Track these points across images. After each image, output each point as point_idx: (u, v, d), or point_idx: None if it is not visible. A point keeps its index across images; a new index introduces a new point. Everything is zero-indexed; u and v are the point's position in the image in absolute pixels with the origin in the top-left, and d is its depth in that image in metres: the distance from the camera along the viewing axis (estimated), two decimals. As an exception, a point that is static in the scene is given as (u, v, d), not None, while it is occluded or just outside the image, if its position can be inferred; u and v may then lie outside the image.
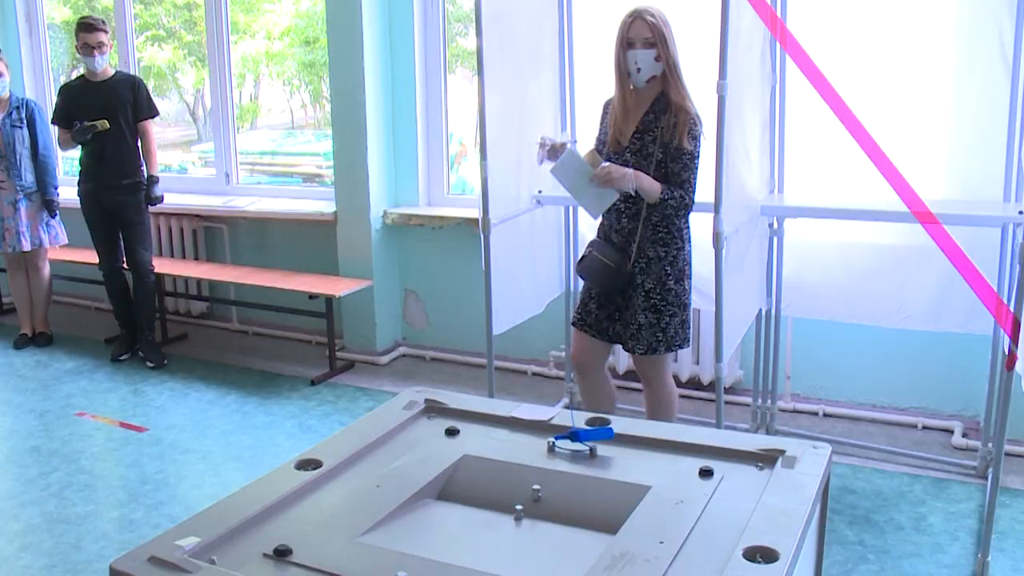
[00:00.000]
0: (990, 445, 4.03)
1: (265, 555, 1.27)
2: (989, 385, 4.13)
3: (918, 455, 4.32)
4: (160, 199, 5.95)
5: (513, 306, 4.36)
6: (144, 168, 5.96)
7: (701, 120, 3.63)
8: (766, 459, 1.53)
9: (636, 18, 3.55)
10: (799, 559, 1.28)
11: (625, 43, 3.56)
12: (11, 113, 6.15)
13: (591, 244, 3.84)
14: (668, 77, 3.59)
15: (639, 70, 3.57)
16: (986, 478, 4.02)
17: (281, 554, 1.26)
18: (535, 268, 4.58)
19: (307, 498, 1.44)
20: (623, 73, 3.62)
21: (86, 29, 5.72)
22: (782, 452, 1.53)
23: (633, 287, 3.73)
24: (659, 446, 1.60)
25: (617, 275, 3.72)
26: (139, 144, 5.95)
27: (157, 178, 5.93)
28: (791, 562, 1.23)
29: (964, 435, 4.46)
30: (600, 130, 3.84)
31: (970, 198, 3.89)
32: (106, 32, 5.80)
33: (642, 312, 3.74)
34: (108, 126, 5.74)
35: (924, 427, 4.61)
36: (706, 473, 1.49)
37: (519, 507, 1.42)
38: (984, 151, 3.88)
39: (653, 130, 3.63)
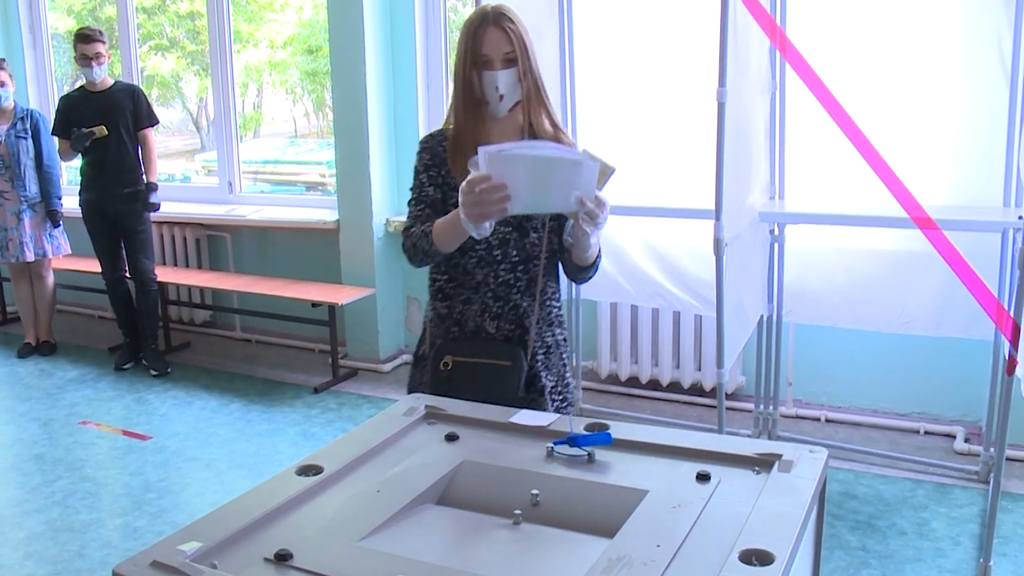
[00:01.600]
0: (992, 450, 4.03)
1: (266, 559, 1.28)
2: (990, 390, 4.14)
3: (920, 460, 4.33)
4: (157, 206, 5.96)
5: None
6: (143, 178, 6.00)
7: None
8: (763, 463, 1.54)
9: (489, 25, 2.49)
10: (795, 562, 1.29)
11: (478, 60, 2.49)
12: (15, 124, 6.18)
13: (447, 343, 2.61)
14: (532, 101, 2.58)
15: (501, 97, 2.51)
16: (988, 483, 4.03)
17: (282, 558, 1.27)
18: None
19: (308, 503, 1.45)
20: (475, 100, 2.53)
21: (83, 40, 5.75)
22: (779, 456, 1.54)
23: (532, 391, 2.62)
24: (656, 451, 1.61)
25: (517, 381, 2.56)
26: (140, 153, 5.98)
27: (156, 185, 5.95)
28: (787, 564, 1.24)
29: (966, 440, 4.47)
30: (426, 185, 2.60)
31: (970, 204, 3.90)
32: (104, 43, 5.82)
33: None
34: (106, 132, 5.76)
35: (926, 432, 4.61)
36: (703, 477, 1.50)
37: (518, 511, 1.43)
38: (984, 157, 3.89)
39: None
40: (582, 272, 2.62)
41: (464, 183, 2.20)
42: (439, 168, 2.59)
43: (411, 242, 2.51)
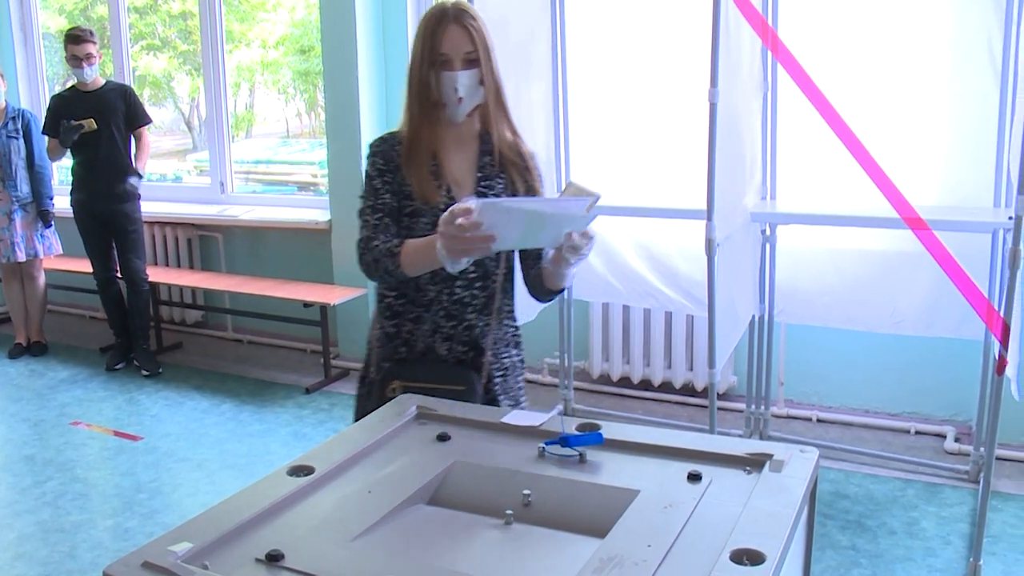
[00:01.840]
0: (982, 449, 4.05)
1: (257, 560, 1.28)
2: (980, 390, 4.15)
3: (910, 460, 4.34)
4: (135, 189, 5.91)
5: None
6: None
7: None
8: (754, 463, 1.54)
9: (450, 22, 2.33)
10: (785, 561, 1.29)
11: (436, 60, 2.33)
12: (7, 124, 6.16)
13: (395, 366, 2.46)
14: (492, 106, 2.42)
15: (460, 100, 2.34)
16: (978, 482, 4.04)
17: (273, 559, 1.27)
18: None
19: (299, 504, 1.45)
20: (431, 103, 2.37)
21: (74, 41, 5.74)
22: (770, 456, 1.54)
23: None
24: (648, 451, 1.61)
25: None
26: (132, 152, 5.97)
27: (141, 175, 5.93)
28: (777, 564, 1.24)
29: (956, 440, 4.48)
30: (381, 191, 2.40)
31: (961, 204, 3.91)
32: (95, 43, 5.81)
33: None
34: (95, 126, 5.73)
35: (916, 432, 4.62)
36: (694, 477, 1.50)
37: (509, 511, 1.43)
38: (974, 157, 3.90)
39: (497, 184, 2.47)
40: (550, 294, 2.47)
41: (447, 215, 1.98)
42: (394, 174, 2.40)
43: (372, 257, 2.32)
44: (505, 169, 2.48)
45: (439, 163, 2.41)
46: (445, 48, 2.33)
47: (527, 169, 2.52)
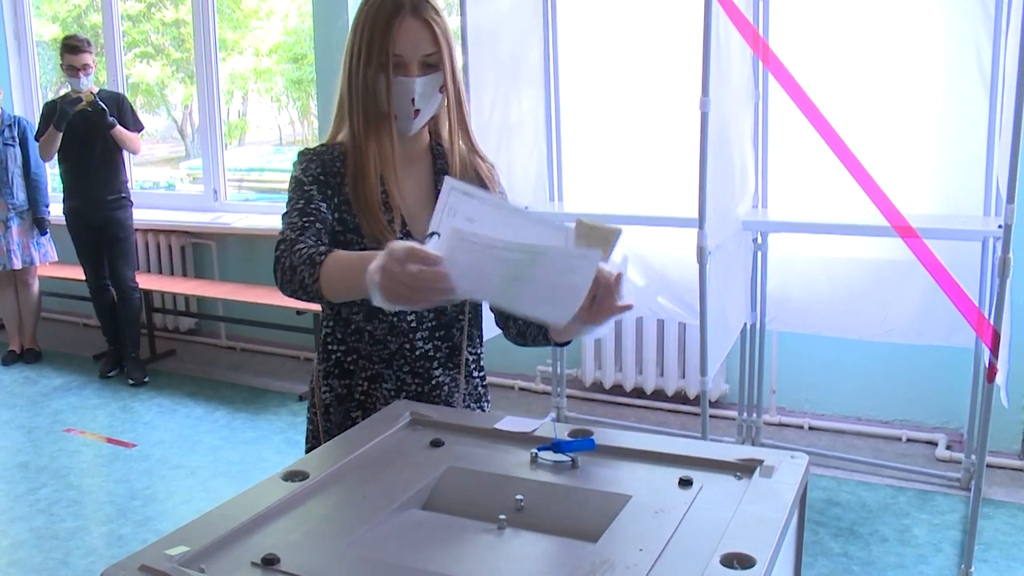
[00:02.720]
0: (973, 457, 4.07)
1: (253, 563, 1.29)
2: (971, 397, 4.17)
3: (902, 467, 4.36)
4: (114, 123, 5.82)
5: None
6: (129, 185, 6.01)
7: None
8: (744, 469, 1.56)
9: (407, 15, 1.89)
10: (776, 565, 1.31)
11: (388, 61, 1.89)
12: (3, 131, 6.18)
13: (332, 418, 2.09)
14: (453, 118, 2.03)
15: (417, 112, 1.95)
16: (969, 490, 4.06)
17: (269, 563, 1.29)
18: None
19: (294, 509, 1.46)
20: (377, 113, 1.95)
21: (71, 51, 5.75)
22: (760, 462, 1.56)
23: None
24: (640, 457, 1.63)
25: None
26: (124, 160, 5.98)
27: (114, 122, 5.81)
28: (768, 567, 1.25)
29: (948, 447, 4.50)
30: (316, 197, 1.94)
31: (951, 213, 3.93)
32: (91, 53, 5.83)
33: None
34: (92, 97, 5.73)
35: (908, 440, 4.64)
36: (685, 483, 1.52)
37: (502, 516, 1.45)
38: (964, 166, 3.93)
39: None
40: (545, 344, 1.98)
41: (402, 251, 1.49)
42: (334, 189, 1.95)
43: (290, 262, 1.79)
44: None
45: (388, 190, 1.97)
46: (401, 48, 1.89)
47: (489, 189, 2.14)
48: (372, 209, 1.93)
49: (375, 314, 1.98)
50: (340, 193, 1.95)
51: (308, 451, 2.07)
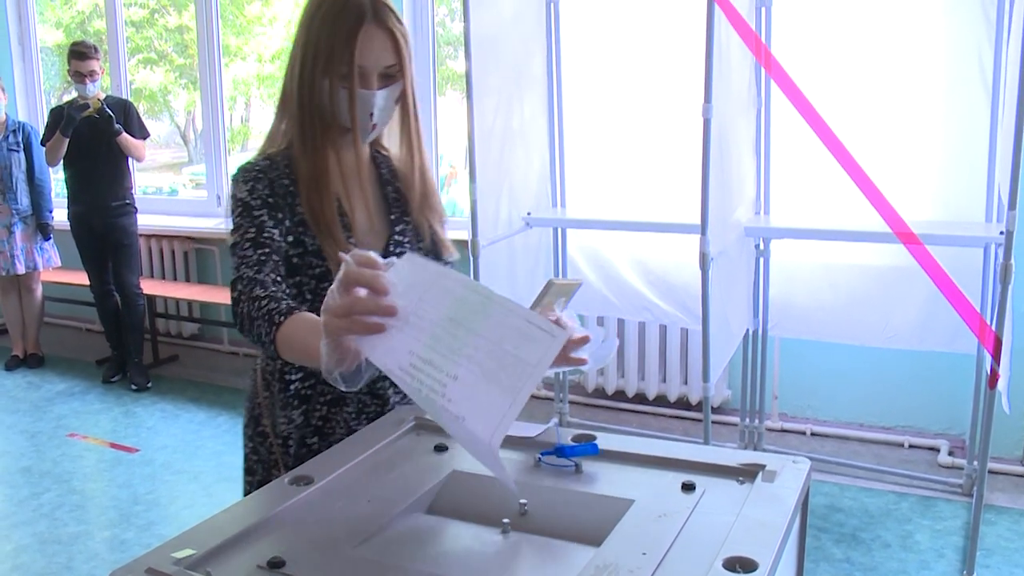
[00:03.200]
0: (975, 463, 4.07)
1: (259, 567, 1.30)
2: (973, 403, 4.18)
3: (904, 473, 4.36)
4: (120, 130, 5.83)
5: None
6: (133, 191, 6.03)
7: None
8: (747, 473, 1.56)
9: (370, 23, 1.77)
10: (778, 569, 1.31)
11: (348, 72, 1.77)
12: (7, 136, 6.19)
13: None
14: (412, 130, 1.93)
15: (374, 126, 1.86)
16: (972, 496, 4.06)
17: (275, 566, 1.29)
18: (523, 290, 4.62)
19: (299, 513, 1.47)
20: (325, 124, 1.84)
21: (78, 57, 5.76)
22: (762, 467, 1.56)
23: None
24: (643, 462, 1.63)
25: None
26: (129, 166, 5.99)
27: (121, 131, 5.84)
28: (770, 572, 1.26)
29: (950, 453, 4.51)
30: (268, 224, 1.77)
31: (953, 219, 3.94)
32: (98, 59, 5.84)
33: None
34: (100, 104, 5.75)
35: (910, 446, 4.65)
36: (688, 487, 1.52)
37: (506, 521, 1.45)
38: (966, 173, 3.93)
39: (404, 222, 1.98)
40: None
41: (342, 275, 1.33)
42: (286, 211, 1.80)
43: (247, 310, 1.64)
44: (408, 209, 1.98)
45: (345, 207, 1.86)
46: (363, 59, 1.77)
47: (431, 208, 2.00)
48: (332, 230, 1.80)
49: None
50: (293, 213, 1.80)
51: (259, 485, 1.91)
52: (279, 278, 1.72)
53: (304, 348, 1.52)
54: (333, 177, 1.83)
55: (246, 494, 1.93)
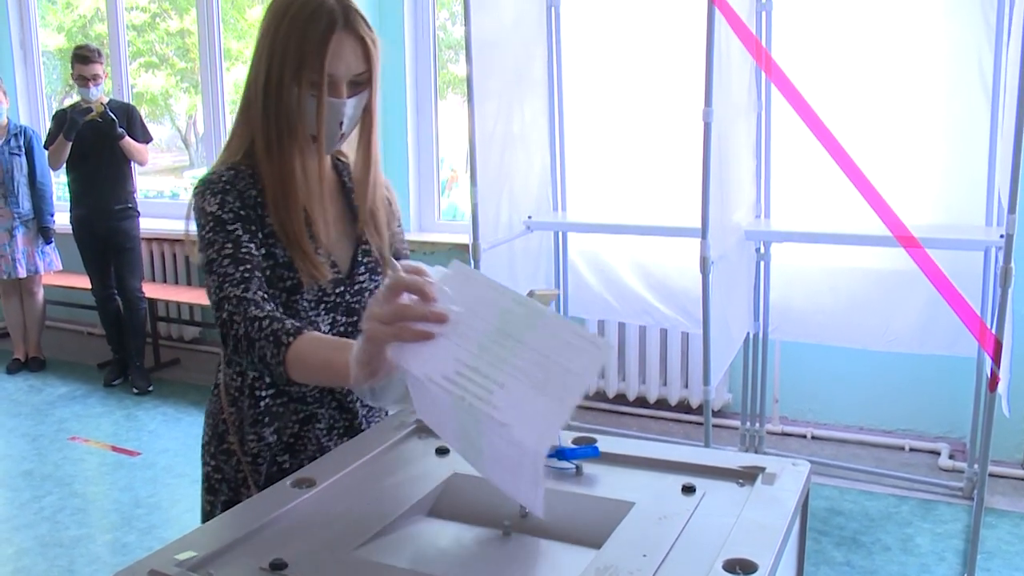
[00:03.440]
0: (976, 466, 4.07)
1: (261, 568, 1.30)
2: (974, 407, 4.18)
3: (905, 477, 4.37)
4: (123, 134, 5.84)
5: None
6: (136, 195, 6.04)
7: None
8: (747, 476, 1.57)
9: (339, 30, 1.70)
10: (778, 570, 1.32)
11: (322, 82, 1.71)
12: (9, 140, 6.20)
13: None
14: (371, 136, 1.86)
15: (343, 136, 1.80)
16: (972, 499, 4.06)
17: (277, 568, 1.30)
18: (524, 293, 4.60)
19: (301, 515, 1.48)
20: (292, 132, 1.76)
21: (82, 61, 5.76)
22: (762, 469, 1.57)
23: None
24: (643, 464, 1.64)
25: None
26: (132, 170, 6.00)
27: (124, 135, 5.84)
28: (770, 573, 1.27)
29: (951, 457, 4.51)
30: (244, 239, 1.72)
31: (954, 223, 3.95)
32: (101, 63, 5.85)
33: None
34: (103, 108, 5.76)
35: (911, 449, 4.65)
36: (688, 490, 1.53)
37: (507, 523, 1.46)
38: (967, 176, 3.94)
39: (372, 248, 1.91)
40: None
41: (390, 286, 1.36)
42: (257, 223, 1.75)
43: (246, 331, 1.61)
44: (369, 220, 1.91)
45: (312, 219, 1.80)
46: (334, 68, 1.71)
47: (377, 224, 1.92)
48: (302, 243, 1.75)
49: None
50: (263, 225, 1.75)
51: (225, 505, 1.85)
52: (266, 295, 1.68)
53: (325, 365, 1.50)
54: (299, 187, 1.77)
55: (207, 515, 1.92)
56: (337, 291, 1.83)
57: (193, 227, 1.75)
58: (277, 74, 1.71)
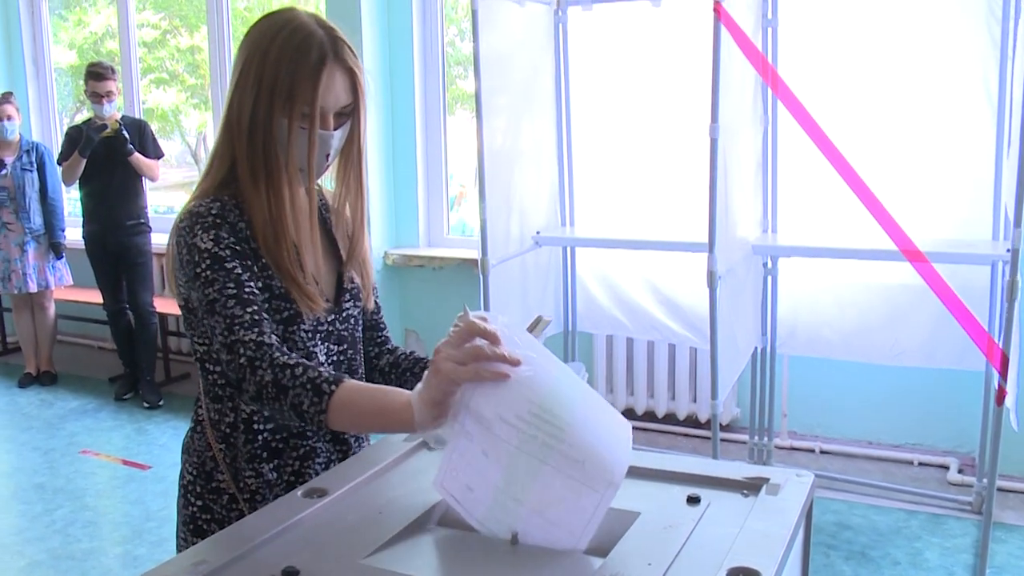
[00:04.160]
0: (985, 481, 4.07)
1: (273, 577, 1.33)
2: (982, 421, 4.18)
3: (914, 491, 4.36)
4: (132, 151, 5.87)
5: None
6: (147, 210, 6.07)
7: None
8: (751, 487, 1.58)
9: (330, 62, 1.69)
10: (782, 580, 1.34)
11: (314, 114, 1.69)
12: (21, 156, 6.25)
13: None
14: (350, 166, 1.85)
15: (328, 166, 1.81)
16: (982, 513, 4.06)
17: (289, 575, 1.32)
18: (535, 309, 4.64)
19: (313, 524, 1.49)
20: (277, 164, 1.73)
21: (96, 78, 5.80)
22: (766, 480, 1.58)
23: None
24: (649, 475, 1.65)
25: None
26: (144, 186, 6.04)
27: (132, 151, 5.87)
28: (774, 582, 1.28)
29: (960, 471, 4.50)
30: (244, 278, 1.67)
31: (960, 237, 3.96)
32: (115, 80, 5.89)
33: None
34: (118, 125, 5.80)
35: (920, 463, 4.64)
36: (693, 500, 1.54)
37: (515, 532, 1.48)
38: (973, 191, 3.96)
39: (356, 286, 1.92)
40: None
41: (460, 331, 1.39)
42: (252, 257, 1.71)
43: (274, 377, 1.55)
44: (355, 252, 1.90)
45: (300, 249, 1.77)
46: (324, 101, 1.68)
47: (354, 256, 1.90)
48: (294, 275, 1.72)
49: None
50: (257, 258, 1.71)
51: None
52: (273, 331, 1.66)
53: (379, 411, 1.50)
54: (288, 219, 1.73)
55: None
56: (329, 319, 1.82)
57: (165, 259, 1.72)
58: (266, 105, 1.68)
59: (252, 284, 1.66)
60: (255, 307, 1.63)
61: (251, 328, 1.59)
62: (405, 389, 1.60)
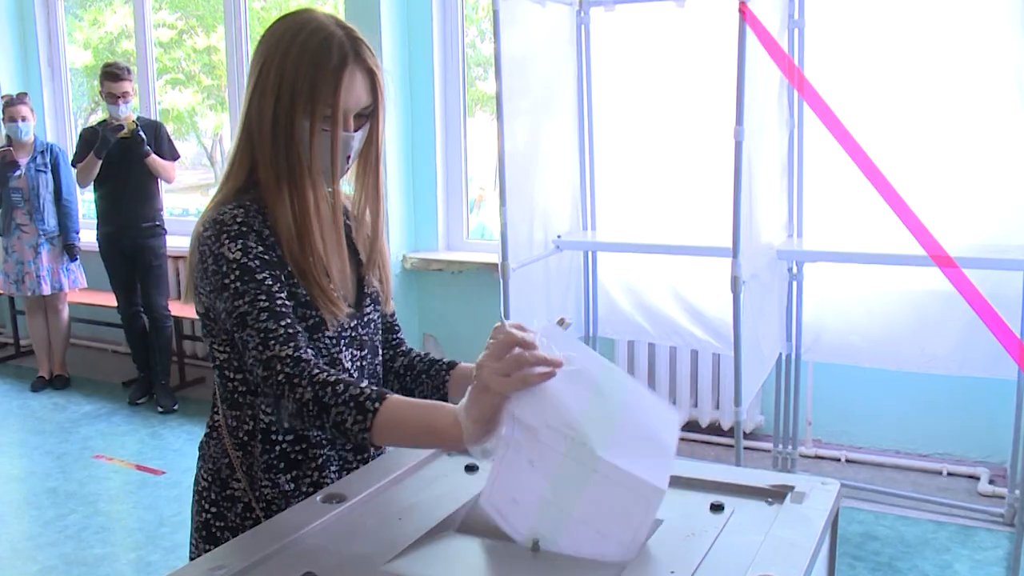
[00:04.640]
0: (1017, 492, 3.99)
1: (292, 582, 1.31)
2: (1015, 430, 4.09)
3: (943, 502, 4.28)
4: (149, 152, 5.85)
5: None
6: (163, 212, 6.05)
7: None
8: (776, 494, 1.57)
9: (351, 64, 1.67)
10: (807, 589, 1.31)
11: (337, 116, 1.67)
12: (35, 158, 6.24)
13: None
14: (369, 168, 1.83)
15: (348, 169, 1.79)
16: (1014, 525, 3.97)
17: (307, 582, 1.30)
18: (553, 313, 4.58)
19: (332, 529, 1.49)
20: (301, 167, 1.70)
21: (112, 79, 5.78)
22: (791, 488, 1.58)
23: None
24: (672, 482, 1.60)
25: None
26: (159, 187, 6.02)
27: (149, 152, 5.86)
28: (798, 591, 1.26)
29: (991, 482, 4.42)
30: (275, 290, 1.64)
31: (992, 242, 3.88)
32: (131, 81, 5.87)
33: None
34: (135, 126, 5.78)
35: (949, 473, 4.57)
36: (717, 508, 1.54)
37: (536, 539, 1.44)
38: (1004, 194, 3.89)
39: (374, 290, 1.89)
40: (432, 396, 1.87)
41: (499, 343, 1.39)
42: (279, 266, 1.67)
43: (314, 395, 1.52)
44: (375, 256, 1.88)
45: (326, 255, 1.74)
46: (345, 102, 1.67)
47: (372, 260, 1.87)
48: (320, 282, 1.69)
49: None
50: (284, 266, 1.68)
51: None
52: (308, 343, 1.63)
53: (427, 428, 1.47)
54: (313, 224, 1.70)
55: None
56: (351, 325, 1.79)
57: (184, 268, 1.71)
58: (287, 107, 1.66)
59: (282, 295, 1.63)
60: (288, 320, 1.60)
61: (287, 343, 1.56)
62: (424, 393, 1.78)
